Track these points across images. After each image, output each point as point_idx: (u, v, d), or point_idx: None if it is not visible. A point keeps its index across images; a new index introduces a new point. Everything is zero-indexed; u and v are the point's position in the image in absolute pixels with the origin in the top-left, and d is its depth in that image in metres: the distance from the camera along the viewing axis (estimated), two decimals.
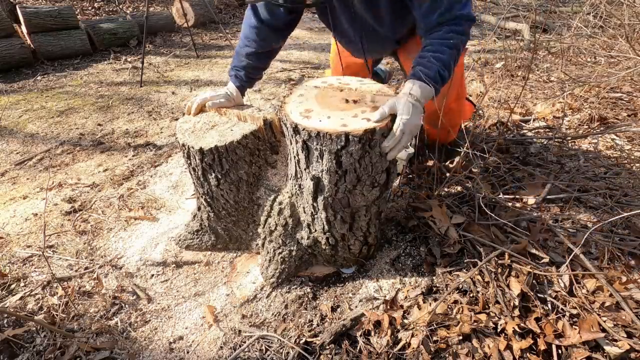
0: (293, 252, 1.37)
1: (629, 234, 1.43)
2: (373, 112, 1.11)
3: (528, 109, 2.60)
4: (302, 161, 1.16)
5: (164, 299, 1.43)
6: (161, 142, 2.62)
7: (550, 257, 1.34)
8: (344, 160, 1.08)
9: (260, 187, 1.39)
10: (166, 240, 1.69)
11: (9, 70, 3.99)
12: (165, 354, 1.23)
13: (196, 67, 4.29)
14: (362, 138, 1.04)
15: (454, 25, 1.14)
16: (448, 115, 1.53)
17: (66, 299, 1.39)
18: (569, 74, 2.99)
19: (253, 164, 1.34)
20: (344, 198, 1.19)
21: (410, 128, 1.05)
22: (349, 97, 1.23)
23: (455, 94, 1.58)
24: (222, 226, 1.51)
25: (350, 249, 1.36)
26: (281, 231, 1.36)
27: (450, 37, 1.13)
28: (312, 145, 1.09)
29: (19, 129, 2.86)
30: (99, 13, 5.74)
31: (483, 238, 1.38)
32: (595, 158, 1.97)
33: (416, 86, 1.09)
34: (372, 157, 1.10)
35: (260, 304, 1.36)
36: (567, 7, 5.03)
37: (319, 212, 1.25)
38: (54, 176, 2.24)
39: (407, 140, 1.07)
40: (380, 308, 1.26)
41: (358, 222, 1.28)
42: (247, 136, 1.27)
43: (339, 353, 1.15)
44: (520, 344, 1.07)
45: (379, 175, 1.16)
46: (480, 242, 1.37)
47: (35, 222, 1.85)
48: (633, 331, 1.08)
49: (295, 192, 1.29)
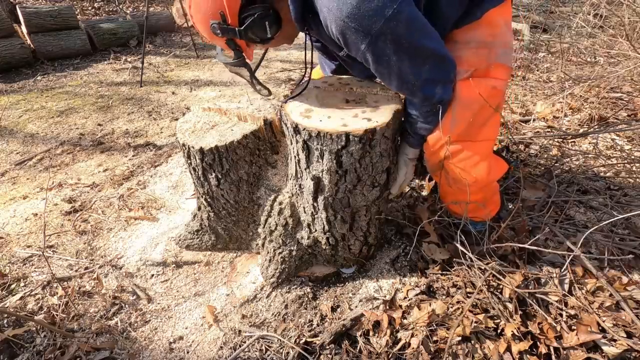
0: (293, 252, 1.37)
1: (629, 234, 1.43)
2: (373, 112, 1.11)
3: (528, 109, 2.60)
4: (302, 161, 1.16)
5: (164, 299, 1.43)
6: (161, 142, 2.62)
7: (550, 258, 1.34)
8: (345, 160, 1.08)
9: (261, 187, 1.39)
10: (166, 240, 1.69)
11: (9, 70, 3.99)
12: (165, 354, 1.23)
13: (196, 67, 4.29)
14: (362, 138, 1.04)
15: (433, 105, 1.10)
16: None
17: (66, 299, 1.39)
18: (569, 73, 2.99)
19: (253, 164, 1.34)
20: (344, 198, 1.19)
21: (408, 178, 1.31)
22: (350, 97, 1.23)
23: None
24: (222, 226, 1.51)
25: (351, 249, 1.37)
26: (281, 231, 1.36)
27: (431, 111, 1.11)
28: (313, 145, 1.09)
29: (19, 129, 2.86)
30: (99, 13, 5.74)
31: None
32: (595, 158, 1.97)
33: (412, 151, 1.24)
34: (372, 157, 1.10)
35: (260, 304, 1.36)
36: (567, 7, 5.03)
37: (319, 212, 1.25)
38: (54, 176, 2.24)
39: (406, 183, 1.34)
40: (380, 308, 1.26)
41: (358, 222, 1.28)
42: (248, 136, 1.27)
43: (339, 353, 1.15)
44: (519, 346, 1.07)
45: (379, 175, 1.16)
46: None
47: (35, 222, 1.86)
48: (633, 331, 1.08)
49: (296, 192, 1.29)
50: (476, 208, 1.32)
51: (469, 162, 1.15)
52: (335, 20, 0.91)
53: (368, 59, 0.98)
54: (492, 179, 1.23)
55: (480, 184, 1.20)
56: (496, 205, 1.41)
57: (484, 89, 1.07)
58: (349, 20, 0.89)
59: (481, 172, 1.17)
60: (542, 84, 3.01)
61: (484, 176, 1.18)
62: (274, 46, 1.21)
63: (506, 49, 1.10)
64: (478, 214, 1.36)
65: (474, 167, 1.16)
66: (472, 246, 1.27)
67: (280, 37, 1.13)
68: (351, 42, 0.95)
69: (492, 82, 1.09)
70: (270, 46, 1.19)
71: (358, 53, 0.97)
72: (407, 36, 0.91)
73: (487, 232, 1.31)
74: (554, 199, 1.60)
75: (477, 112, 1.09)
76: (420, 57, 0.97)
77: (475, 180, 1.18)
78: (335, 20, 0.91)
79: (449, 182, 1.25)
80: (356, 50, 0.97)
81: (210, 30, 1.02)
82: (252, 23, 1.01)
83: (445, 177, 1.25)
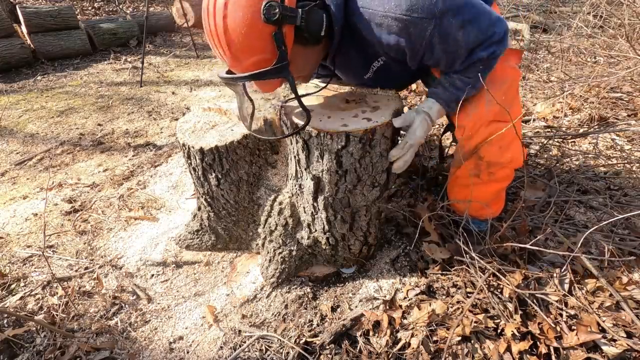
0: (293, 252, 1.37)
1: (629, 234, 1.43)
2: (373, 112, 1.11)
3: (528, 109, 2.60)
4: (302, 161, 1.16)
5: (164, 299, 1.43)
6: (161, 142, 2.62)
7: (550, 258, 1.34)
8: (344, 160, 1.08)
9: (261, 187, 1.39)
10: (166, 240, 1.68)
11: (9, 70, 3.99)
12: (165, 354, 1.23)
13: (196, 67, 4.29)
14: (362, 138, 1.04)
15: (475, 66, 1.06)
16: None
17: (66, 299, 1.39)
18: (569, 74, 2.99)
19: (253, 164, 1.34)
20: (345, 198, 1.19)
21: (418, 143, 1.10)
22: (350, 97, 1.23)
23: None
24: (222, 226, 1.51)
25: (351, 249, 1.37)
26: (281, 231, 1.36)
27: (469, 76, 1.07)
28: (313, 144, 1.09)
29: (19, 129, 2.86)
30: (99, 13, 5.74)
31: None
32: (595, 158, 1.97)
33: (435, 107, 1.12)
34: (372, 157, 1.10)
35: (260, 304, 1.36)
36: (567, 7, 5.03)
37: (319, 212, 1.25)
38: (54, 176, 2.24)
39: (413, 153, 1.12)
40: (380, 308, 1.26)
41: (358, 222, 1.28)
42: (248, 136, 1.27)
43: (339, 353, 1.15)
44: (519, 346, 1.07)
45: (379, 175, 1.16)
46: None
47: (35, 222, 1.86)
48: (633, 331, 1.08)
49: (296, 192, 1.29)
50: (480, 207, 1.33)
51: (505, 140, 1.16)
52: (395, 19, 0.92)
53: (434, 43, 0.97)
54: (521, 161, 1.22)
55: (515, 163, 1.21)
56: (501, 204, 1.42)
57: (508, 70, 1.14)
58: (411, 12, 0.91)
59: (516, 151, 1.18)
60: (542, 84, 3.01)
61: (518, 155, 1.19)
62: (296, 76, 1.06)
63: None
64: (483, 213, 1.37)
65: (510, 146, 1.17)
66: (473, 245, 1.27)
67: (305, 65, 1.05)
68: (415, 35, 0.95)
69: (512, 62, 1.16)
70: (295, 74, 1.01)
71: (422, 44, 0.97)
72: (465, 5, 0.94)
73: (489, 232, 1.31)
74: (555, 199, 1.60)
75: (507, 91, 1.12)
76: (482, 20, 0.98)
77: (511, 159, 1.19)
78: (396, 19, 0.92)
79: (478, 171, 1.23)
80: (420, 41, 0.96)
81: (262, 14, 0.83)
82: (311, 11, 0.90)
83: (476, 166, 1.23)
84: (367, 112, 1.12)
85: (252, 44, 0.87)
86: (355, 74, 1.24)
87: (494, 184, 1.25)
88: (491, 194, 1.28)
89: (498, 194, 1.32)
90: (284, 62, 0.90)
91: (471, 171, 1.24)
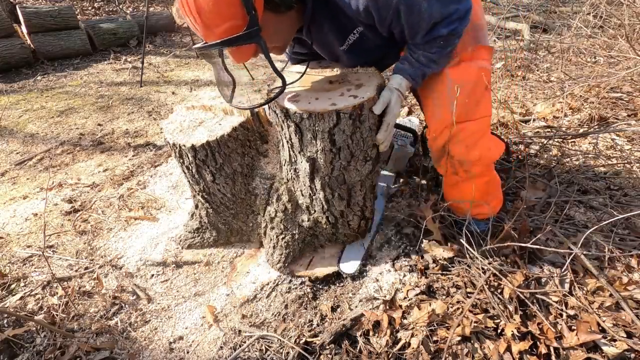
0: (295, 235, 1.40)
1: (629, 234, 1.43)
2: (358, 89, 1.15)
3: (528, 109, 2.60)
4: (295, 145, 1.18)
5: (164, 299, 1.43)
6: (161, 142, 2.62)
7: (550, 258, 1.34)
8: (337, 137, 1.12)
9: (255, 177, 1.41)
10: (166, 240, 1.69)
11: (9, 70, 3.99)
12: (165, 354, 1.23)
13: (196, 67, 4.29)
14: (352, 114, 1.08)
15: (436, 42, 1.10)
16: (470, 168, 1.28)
17: (66, 299, 1.39)
18: (569, 74, 2.99)
19: (245, 155, 1.36)
20: (340, 175, 1.23)
21: (395, 118, 1.17)
22: (332, 78, 1.27)
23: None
24: (222, 221, 1.51)
25: (350, 224, 1.40)
26: (281, 217, 1.38)
27: (431, 52, 1.12)
28: (305, 127, 1.11)
29: (19, 129, 2.86)
30: (99, 13, 5.74)
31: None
32: (595, 158, 1.97)
33: (404, 83, 1.16)
34: (362, 132, 1.14)
35: (260, 304, 1.36)
36: (567, 7, 5.03)
37: (317, 193, 1.28)
38: (54, 176, 2.24)
39: (392, 129, 1.20)
40: (380, 308, 1.26)
41: (355, 197, 1.32)
42: (237, 128, 1.29)
43: (339, 353, 1.15)
44: (519, 346, 1.07)
45: (370, 150, 1.20)
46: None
47: (35, 222, 1.86)
48: (633, 331, 1.08)
49: (291, 177, 1.31)
50: (479, 206, 1.35)
51: (471, 139, 1.22)
52: None
53: (400, 11, 1.00)
54: (494, 156, 1.28)
55: (485, 160, 1.26)
56: (499, 200, 1.43)
57: (473, 71, 1.16)
58: None
59: (484, 148, 1.23)
60: (542, 84, 3.01)
61: (487, 151, 1.24)
62: (270, 47, 1.06)
63: (484, 31, 1.20)
64: (482, 211, 1.39)
65: (477, 144, 1.22)
66: (474, 246, 1.28)
67: (278, 34, 1.07)
68: (382, 2, 0.98)
69: (479, 63, 1.17)
70: (270, 45, 1.04)
71: (389, 12, 1.00)
72: None
73: (489, 232, 1.31)
74: (555, 199, 1.60)
75: (470, 93, 1.16)
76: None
77: (480, 157, 1.24)
78: None
79: (454, 169, 1.28)
80: (387, 9, 0.99)
81: None
82: None
83: (451, 165, 1.28)
84: (352, 89, 1.15)
85: (221, 10, 0.88)
86: (332, 47, 1.25)
87: (474, 179, 1.29)
88: (477, 190, 1.31)
89: (486, 189, 1.35)
90: (254, 27, 0.90)
91: (449, 170, 1.31)
